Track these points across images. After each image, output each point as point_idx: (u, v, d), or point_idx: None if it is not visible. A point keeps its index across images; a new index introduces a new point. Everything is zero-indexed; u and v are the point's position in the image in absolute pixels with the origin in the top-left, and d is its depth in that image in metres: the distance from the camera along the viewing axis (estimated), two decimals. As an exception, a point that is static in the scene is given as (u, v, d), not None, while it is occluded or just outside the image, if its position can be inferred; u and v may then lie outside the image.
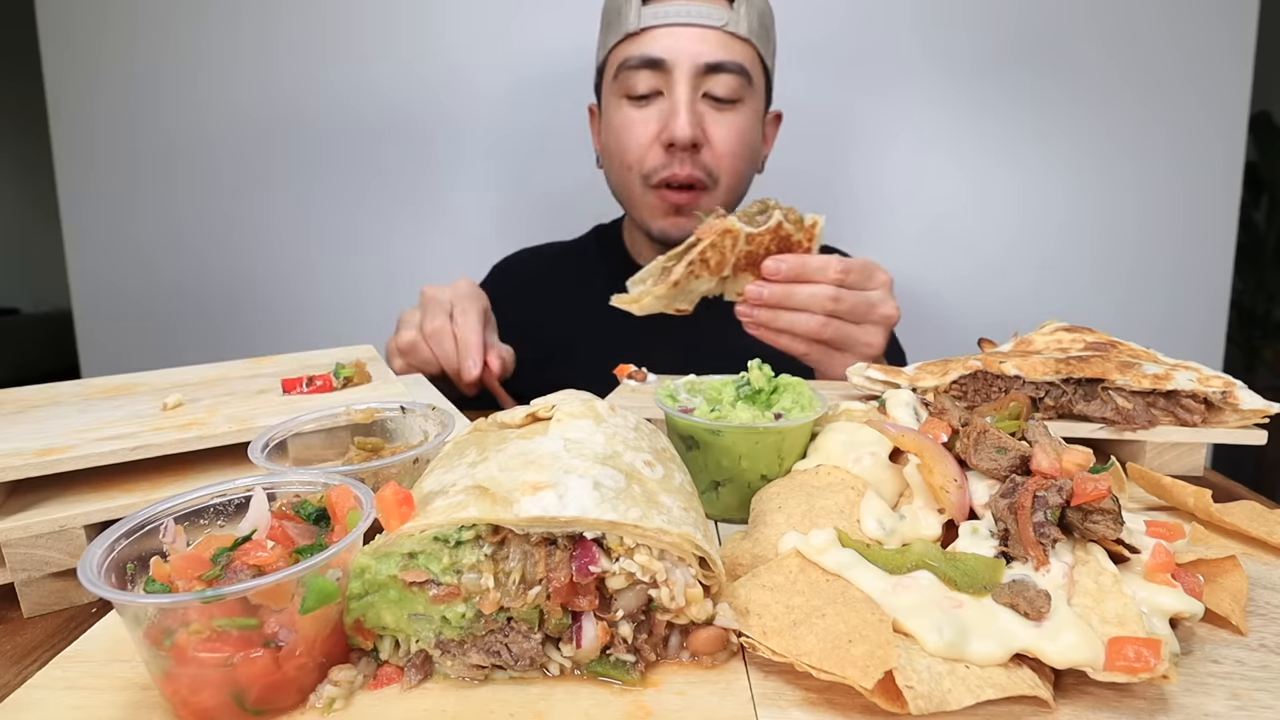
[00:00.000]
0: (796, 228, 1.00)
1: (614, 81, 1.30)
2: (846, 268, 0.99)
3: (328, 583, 0.42)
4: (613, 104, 1.31)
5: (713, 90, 1.24)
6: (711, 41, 1.23)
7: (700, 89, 1.24)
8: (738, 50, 1.25)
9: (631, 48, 1.25)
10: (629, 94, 1.27)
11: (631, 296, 1.03)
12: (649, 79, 1.24)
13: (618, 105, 1.30)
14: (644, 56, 1.23)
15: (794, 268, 0.98)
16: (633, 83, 1.25)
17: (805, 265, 0.99)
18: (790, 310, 1.00)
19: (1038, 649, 0.42)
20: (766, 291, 0.99)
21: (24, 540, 0.55)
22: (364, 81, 1.87)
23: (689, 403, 0.70)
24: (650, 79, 1.24)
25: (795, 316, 1.00)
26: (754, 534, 0.58)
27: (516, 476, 0.46)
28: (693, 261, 0.99)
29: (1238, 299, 3.14)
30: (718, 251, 0.98)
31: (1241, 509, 0.63)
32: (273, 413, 0.69)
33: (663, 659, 0.46)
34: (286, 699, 0.42)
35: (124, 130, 1.92)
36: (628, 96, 1.27)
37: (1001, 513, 0.50)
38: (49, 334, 5.33)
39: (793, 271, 0.99)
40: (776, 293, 0.99)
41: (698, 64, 1.22)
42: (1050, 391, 0.80)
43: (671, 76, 1.23)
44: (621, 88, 1.28)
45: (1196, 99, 1.78)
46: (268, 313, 1.99)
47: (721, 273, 1.01)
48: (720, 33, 1.23)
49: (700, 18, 1.22)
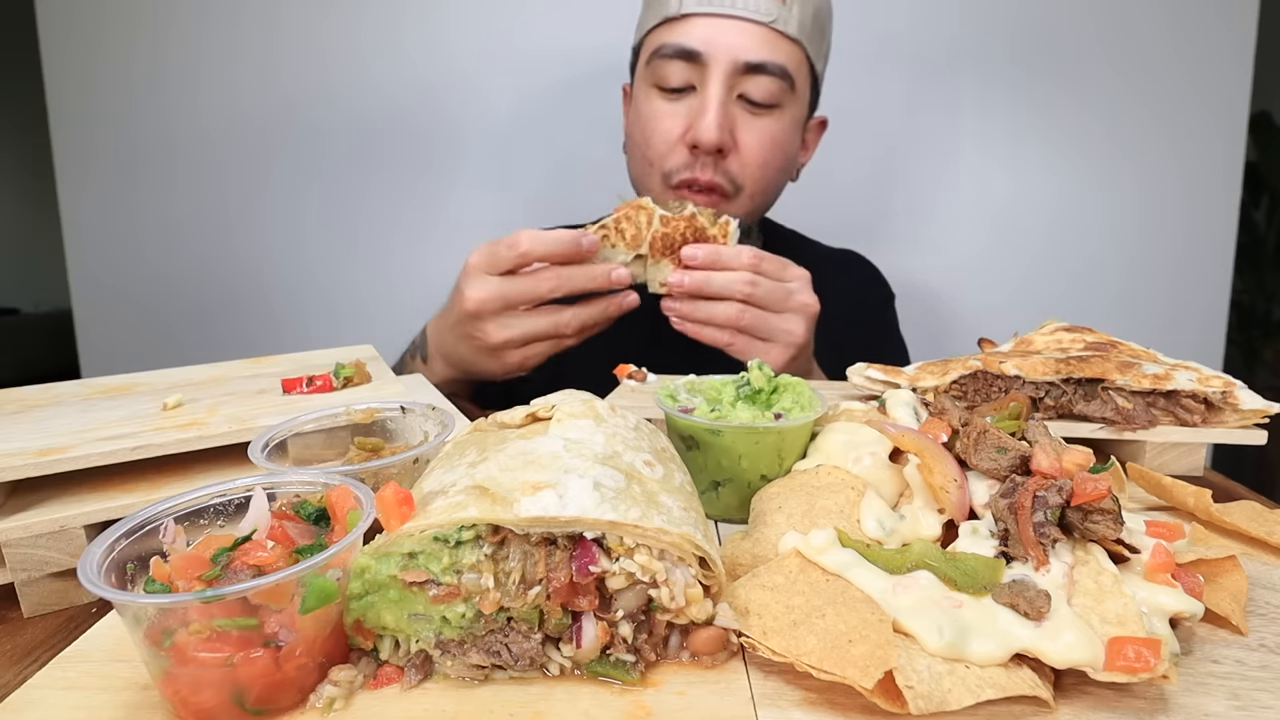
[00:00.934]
0: (710, 222, 1.05)
1: (646, 68, 1.22)
2: (760, 256, 1.01)
3: (328, 583, 0.42)
4: (643, 92, 1.24)
5: (749, 92, 1.16)
6: (754, 38, 1.13)
7: (736, 89, 1.16)
8: (783, 50, 1.16)
9: (668, 34, 1.17)
10: (660, 84, 1.19)
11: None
12: (682, 71, 1.16)
13: (647, 94, 1.22)
14: (679, 46, 1.15)
15: (710, 254, 1.01)
16: (665, 73, 1.17)
17: (720, 253, 1.01)
18: (708, 299, 1.00)
19: (1038, 649, 0.42)
20: (687, 279, 1.00)
21: (24, 540, 0.55)
22: (364, 81, 1.87)
23: (689, 403, 0.70)
24: (684, 71, 1.16)
25: (714, 305, 1.01)
26: (754, 534, 0.58)
27: (516, 476, 0.46)
28: (605, 226, 1.04)
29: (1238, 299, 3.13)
30: (633, 224, 1.04)
31: (1241, 509, 0.63)
32: (273, 413, 0.69)
33: (663, 659, 0.46)
34: (286, 699, 0.42)
35: (124, 130, 1.92)
36: (658, 87, 1.19)
37: (1001, 513, 0.50)
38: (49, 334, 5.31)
39: (709, 258, 1.00)
40: (696, 279, 1.00)
41: (736, 61, 1.13)
42: (1050, 391, 0.80)
43: (706, 71, 1.14)
44: (653, 76, 1.20)
45: (1196, 99, 1.78)
46: (268, 313, 1.99)
47: (638, 247, 1.04)
48: (766, 29, 1.14)
49: (746, 10, 1.12)
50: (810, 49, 1.20)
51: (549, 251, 0.99)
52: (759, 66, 1.14)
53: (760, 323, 1.01)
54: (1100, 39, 1.77)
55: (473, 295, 1.01)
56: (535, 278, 1.01)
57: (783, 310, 1.02)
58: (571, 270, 1.01)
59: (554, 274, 1.00)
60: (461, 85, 1.86)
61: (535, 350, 1.06)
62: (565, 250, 1.00)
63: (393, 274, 1.95)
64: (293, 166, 1.92)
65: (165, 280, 1.99)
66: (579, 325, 1.04)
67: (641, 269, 1.06)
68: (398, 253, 1.94)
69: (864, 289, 1.54)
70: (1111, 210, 1.84)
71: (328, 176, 1.92)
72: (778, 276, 1.02)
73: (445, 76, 1.86)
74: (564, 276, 1.01)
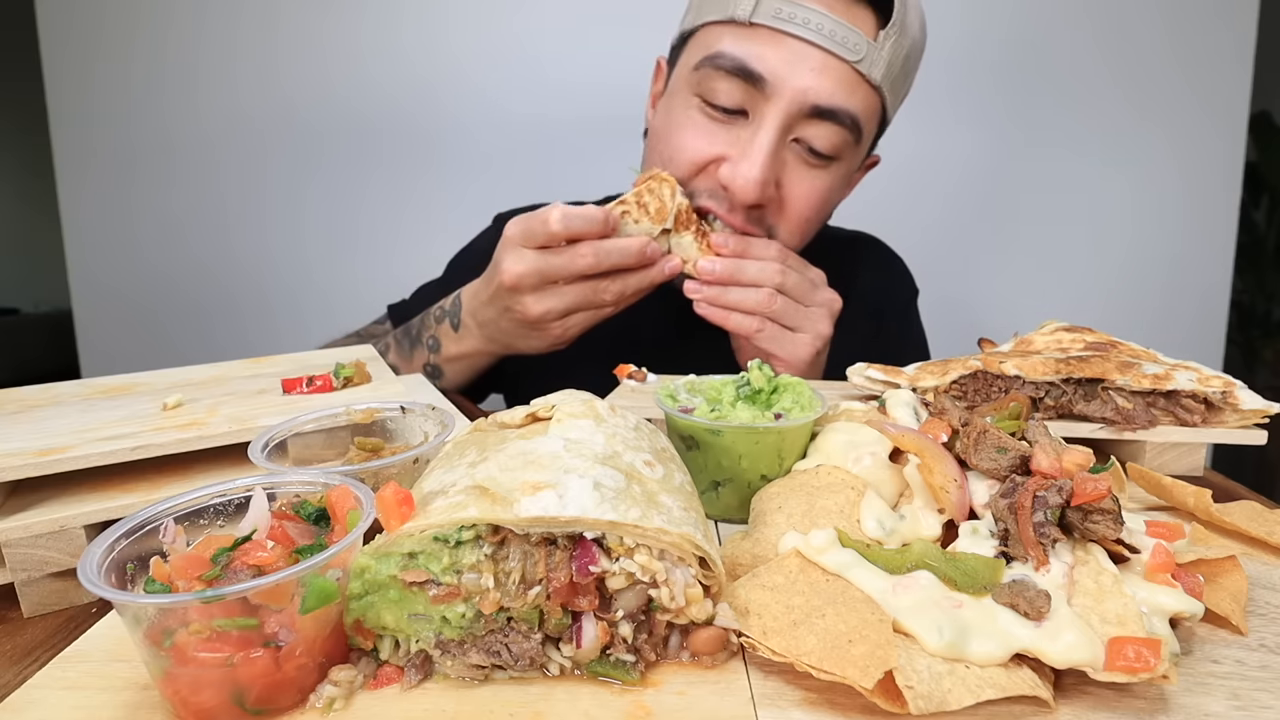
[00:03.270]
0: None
1: (694, 71, 1.03)
2: (786, 250, 1.01)
3: (328, 583, 0.42)
4: (682, 95, 1.06)
5: (809, 139, 1.00)
6: (833, 77, 0.96)
7: (794, 132, 1.00)
8: (860, 97, 0.99)
9: (730, 41, 0.99)
10: (706, 97, 1.02)
11: None
12: (736, 93, 0.99)
13: (687, 101, 1.05)
14: (741, 64, 0.97)
15: (741, 243, 1.00)
16: (714, 86, 1.00)
17: (751, 243, 1.00)
18: (739, 285, 0.99)
19: (1038, 649, 0.42)
20: (719, 266, 0.98)
21: (24, 540, 0.55)
22: (364, 81, 1.87)
23: (689, 403, 0.70)
24: (738, 93, 0.99)
25: (744, 291, 0.99)
26: (754, 534, 0.58)
27: (516, 476, 0.46)
28: (625, 201, 1.01)
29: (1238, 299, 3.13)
30: (655, 197, 1.01)
31: (1241, 509, 0.63)
32: (273, 413, 0.69)
33: (663, 659, 0.46)
34: (286, 699, 0.42)
35: (123, 130, 1.92)
36: (703, 99, 1.03)
37: (1001, 513, 0.50)
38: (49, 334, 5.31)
39: (740, 246, 1.00)
40: (729, 265, 0.99)
41: (805, 103, 0.97)
42: (1050, 391, 0.80)
43: (766, 105, 0.98)
44: (699, 84, 1.02)
45: (1196, 99, 1.78)
46: (268, 312, 1.99)
47: (664, 221, 1.01)
48: (849, 69, 0.97)
49: (831, 40, 0.95)
50: (889, 96, 1.04)
51: (581, 229, 0.95)
52: (830, 113, 0.98)
53: (790, 311, 0.99)
54: (1100, 40, 1.77)
55: (510, 269, 0.96)
56: (572, 254, 0.96)
57: (810, 303, 1.01)
58: (609, 245, 0.96)
59: (591, 249, 0.96)
60: (460, 85, 1.86)
61: (575, 321, 1.02)
62: (597, 227, 0.95)
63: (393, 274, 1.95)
64: (292, 166, 1.92)
65: (165, 280, 2.00)
66: (617, 294, 1.00)
67: (665, 242, 1.03)
68: (397, 252, 1.94)
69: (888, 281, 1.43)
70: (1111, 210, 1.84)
71: (327, 176, 1.92)
72: (802, 270, 1.02)
73: (444, 76, 1.86)
74: (602, 252, 0.96)
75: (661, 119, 1.12)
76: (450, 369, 1.17)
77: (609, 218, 0.97)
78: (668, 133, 1.08)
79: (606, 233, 0.97)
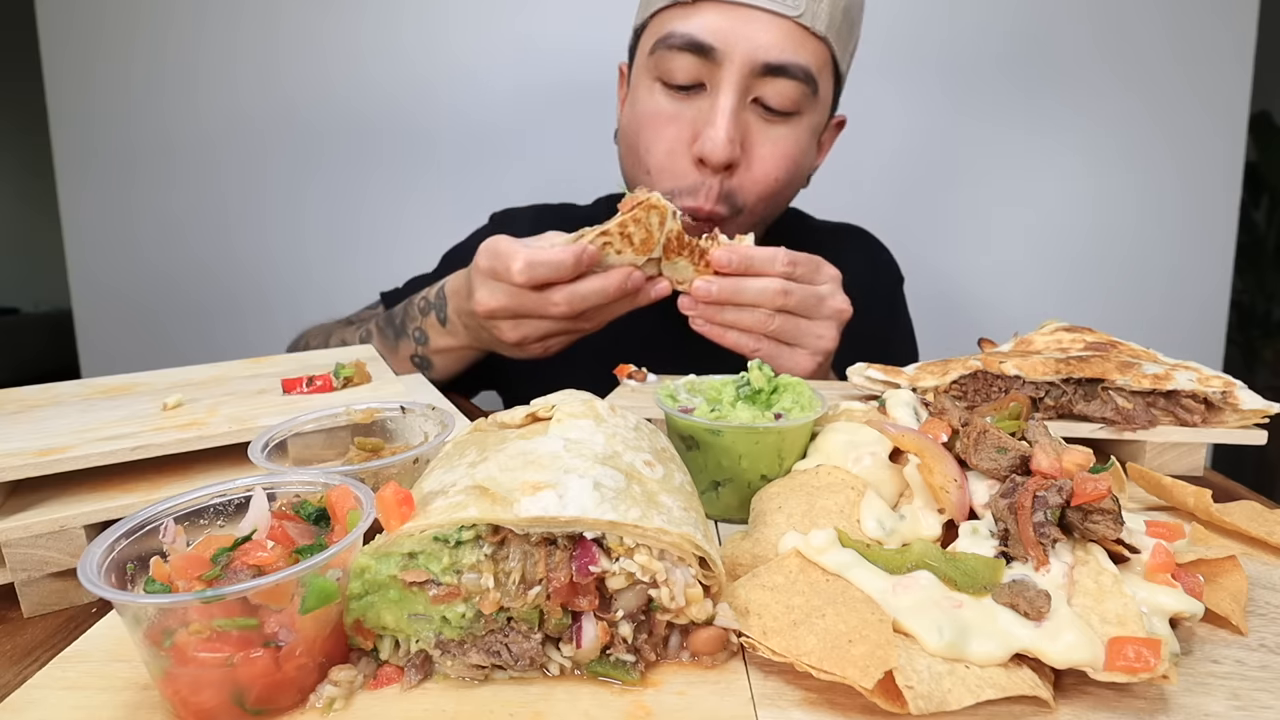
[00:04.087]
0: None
1: (650, 56, 1.07)
2: (794, 260, 0.94)
3: (328, 583, 0.42)
4: (643, 85, 1.10)
5: (766, 98, 1.03)
6: (777, 34, 1.00)
7: (751, 93, 1.04)
8: (808, 50, 1.03)
9: (678, 20, 1.03)
10: (664, 79, 1.06)
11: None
12: (691, 67, 1.03)
13: (649, 89, 1.08)
14: (689, 38, 1.01)
15: (743, 260, 0.93)
16: (670, 66, 1.04)
17: (753, 258, 0.93)
18: (737, 305, 0.94)
19: (1038, 649, 0.42)
20: (715, 288, 0.93)
21: (24, 540, 0.55)
22: (364, 81, 1.87)
23: (689, 403, 0.70)
24: (693, 67, 1.03)
25: (740, 312, 0.94)
26: (754, 534, 0.58)
27: (516, 476, 0.46)
28: (608, 232, 0.92)
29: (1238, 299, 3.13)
30: (642, 228, 0.92)
31: (1241, 509, 0.63)
32: (273, 413, 0.69)
33: (663, 659, 0.46)
34: (286, 699, 0.42)
35: (124, 130, 1.92)
36: (662, 81, 1.06)
37: (1001, 513, 0.50)
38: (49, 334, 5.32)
39: (742, 263, 0.93)
40: (725, 288, 0.93)
41: (754, 62, 1.01)
42: (1050, 391, 0.80)
43: (719, 71, 1.02)
44: (657, 68, 1.06)
45: (1196, 99, 1.78)
46: (268, 312, 1.99)
47: (650, 251, 0.94)
48: (791, 24, 1.00)
49: (771, 1, 1.00)
50: (837, 47, 1.07)
51: (546, 277, 0.91)
52: (780, 68, 1.01)
53: (790, 328, 0.95)
54: (1100, 39, 1.77)
55: (483, 302, 0.95)
56: (545, 299, 0.93)
57: (815, 317, 0.96)
58: (584, 289, 0.92)
59: (565, 297, 0.92)
60: (461, 85, 1.86)
61: (556, 342, 1.01)
62: (566, 274, 0.91)
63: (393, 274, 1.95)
64: (292, 166, 1.92)
65: (165, 280, 2.00)
66: (599, 321, 0.98)
67: (655, 268, 0.97)
68: (397, 251, 1.94)
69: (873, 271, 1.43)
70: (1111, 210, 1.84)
71: (327, 176, 1.92)
72: (810, 280, 0.96)
73: (444, 76, 1.86)
74: (577, 298, 0.92)
75: (628, 114, 1.15)
76: (439, 360, 1.16)
77: (580, 260, 0.90)
78: (636, 126, 1.11)
79: (579, 273, 0.92)
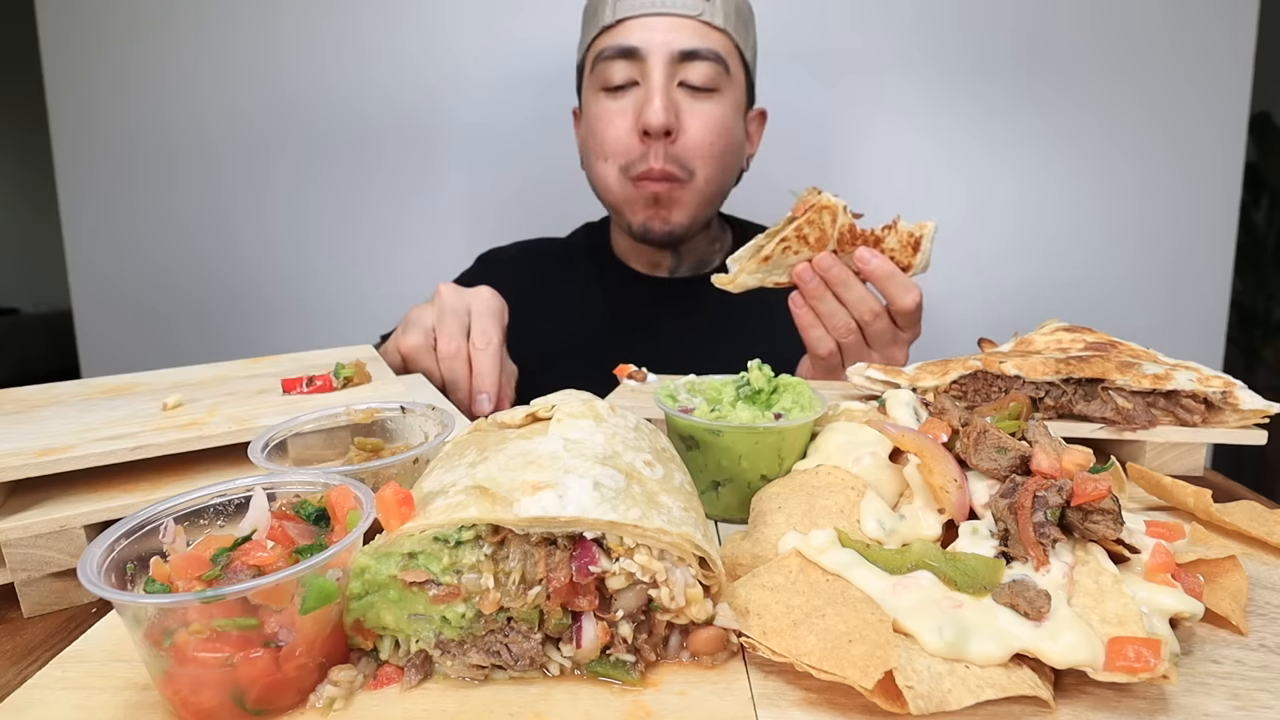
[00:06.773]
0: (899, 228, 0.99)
1: (591, 75, 1.31)
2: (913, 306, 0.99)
3: (328, 583, 0.42)
4: (591, 98, 1.32)
5: (688, 78, 1.24)
6: (686, 30, 1.23)
7: (676, 77, 1.24)
8: (714, 39, 1.25)
9: (607, 40, 1.26)
10: (605, 85, 1.27)
11: (728, 276, 1.02)
12: (625, 69, 1.24)
13: (595, 98, 1.30)
14: (619, 46, 1.24)
15: (880, 270, 0.97)
16: (609, 73, 1.25)
17: (894, 275, 0.98)
18: (834, 299, 1.00)
19: (1038, 649, 0.42)
20: (835, 270, 0.98)
21: (24, 540, 0.55)
22: (365, 80, 1.87)
23: (689, 403, 0.70)
24: (626, 69, 1.24)
25: (836, 308, 1.00)
26: (754, 534, 0.58)
27: (516, 476, 0.46)
28: (786, 238, 0.97)
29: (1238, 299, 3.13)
30: (816, 228, 0.97)
31: (1241, 509, 0.63)
32: (273, 413, 0.69)
33: (663, 659, 0.46)
34: (286, 699, 0.42)
35: (124, 130, 1.92)
36: (604, 88, 1.28)
37: (1001, 513, 0.50)
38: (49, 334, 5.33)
39: (880, 273, 0.97)
40: (839, 276, 0.98)
41: (672, 51, 1.22)
42: (1050, 391, 0.80)
43: (646, 65, 1.23)
44: (599, 80, 1.28)
45: (1196, 99, 1.78)
46: (268, 312, 1.99)
47: (825, 248, 0.99)
48: (695, 22, 1.24)
49: (675, 7, 1.23)
50: (737, 38, 1.29)
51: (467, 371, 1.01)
52: (694, 53, 1.23)
53: (855, 350, 1.03)
54: (1099, 39, 1.77)
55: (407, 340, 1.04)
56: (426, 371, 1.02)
57: (877, 348, 1.04)
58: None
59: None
60: (462, 84, 1.86)
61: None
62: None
63: (394, 273, 1.95)
64: (292, 166, 1.92)
65: (165, 280, 1.99)
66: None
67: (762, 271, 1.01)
68: (399, 251, 1.94)
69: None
70: (1111, 210, 1.84)
71: (327, 176, 1.92)
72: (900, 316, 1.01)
73: (445, 76, 1.86)
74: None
75: (584, 131, 1.37)
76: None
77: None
78: (591, 128, 1.32)
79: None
